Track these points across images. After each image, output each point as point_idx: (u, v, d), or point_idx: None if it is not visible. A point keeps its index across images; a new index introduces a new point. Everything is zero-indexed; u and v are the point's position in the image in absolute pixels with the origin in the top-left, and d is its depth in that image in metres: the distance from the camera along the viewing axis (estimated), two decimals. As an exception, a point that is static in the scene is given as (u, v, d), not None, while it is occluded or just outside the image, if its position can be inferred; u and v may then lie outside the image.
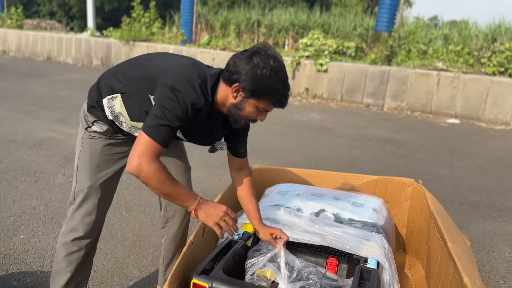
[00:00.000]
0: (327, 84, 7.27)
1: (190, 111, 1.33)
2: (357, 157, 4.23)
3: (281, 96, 1.37)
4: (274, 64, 1.33)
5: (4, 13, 12.65)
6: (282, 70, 1.37)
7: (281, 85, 1.35)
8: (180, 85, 1.33)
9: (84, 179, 1.55)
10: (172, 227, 1.79)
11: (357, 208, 1.98)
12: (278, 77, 1.34)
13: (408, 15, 19.51)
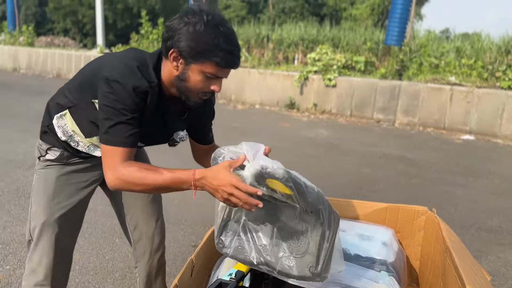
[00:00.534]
0: (336, 99, 7.11)
1: (135, 96, 1.17)
2: (366, 176, 4.04)
3: (226, 52, 1.15)
4: (209, 18, 1.15)
5: (16, 31, 12.84)
6: (223, 23, 1.17)
7: (222, 40, 1.14)
8: (115, 73, 1.17)
9: (38, 214, 1.37)
10: (144, 268, 1.61)
11: (365, 241, 1.81)
12: (217, 31, 1.14)
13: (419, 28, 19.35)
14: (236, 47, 1.19)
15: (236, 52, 1.18)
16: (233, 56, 1.17)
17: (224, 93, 8.33)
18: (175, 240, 2.65)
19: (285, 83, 7.61)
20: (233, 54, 1.17)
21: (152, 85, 1.21)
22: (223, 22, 1.18)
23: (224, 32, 1.15)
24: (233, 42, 1.17)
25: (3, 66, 12.02)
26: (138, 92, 1.17)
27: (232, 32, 1.18)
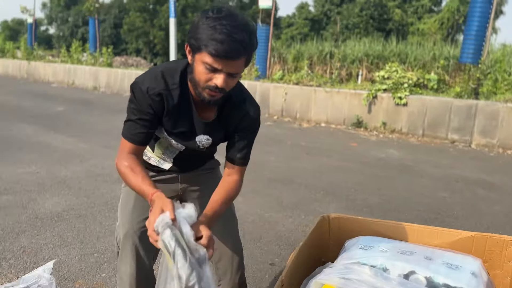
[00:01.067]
0: (407, 118, 6.93)
1: (148, 98, 1.30)
2: (444, 200, 3.89)
3: (218, 41, 1.17)
4: (214, 12, 1.21)
5: (96, 52, 13.95)
6: (229, 19, 1.20)
7: (219, 31, 1.17)
8: (139, 78, 1.34)
9: (122, 226, 1.52)
10: (227, 286, 1.68)
11: (453, 271, 1.77)
12: (216, 22, 1.18)
13: (493, 42, 18.32)
14: (230, 38, 1.18)
15: (228, 42, 1.17)
16: (225, 46, 1.17)
17: (289, 111, 8.44)
18: (253, 258, 2.73)
19: (352, 102, 7.56)
20: (225, 44, 1.17)
21: (170, 88, 1.33)
22: (230, 17, 1.20)
23: (224, 24, 1.18)
24: (229, 33, 1.18)
25: (84, 84, 13.08)
26: (151, 94, 1.30)
27: (235, 26, 1.19)
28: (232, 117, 1.45)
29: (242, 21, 1.22)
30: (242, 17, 1.24)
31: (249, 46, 1.23)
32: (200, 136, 1.45)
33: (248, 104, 1.47)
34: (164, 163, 1.56)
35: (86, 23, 41.30)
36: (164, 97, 1.32)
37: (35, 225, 3.08)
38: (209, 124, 1.44)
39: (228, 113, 1.44)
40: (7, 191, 3.75)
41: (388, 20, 32.18)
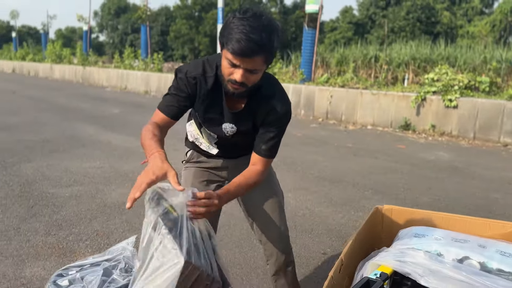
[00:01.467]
0: (457, 121, 6.82)
1: (186, 80, 1.49)
2: (496, 201, 3.86)
3: (235, 40, 1.28)
4: (242, 15, 1.31)
5: (148, 58, 14.60)
6: (250, 19, 1.30)
7: (238, 30, 1.28)
8: (183, 65, 1.56)
9: None
10: (273, 266, 1.82)
11: (507, 258, 1.83)
12: (239, 22, 1.30)
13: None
14: (247, 37, 1.27)
15: (245, 41, 1.27)
16: (241, 44, 1.27)
17: (334, 113, 8.50)
18: (305, 247, 2.87)
19: (399, 104, 7.52)
20: (241, 43, 1.27)
21: (206, 75, 1.50)
22: (253, 18, 1.30)
23: (244, 25, 1.28)
24: (247, 33, 1.27)
25: (136, 89, 13.73)
26: (188, 76, 1.49)
27: (255, 27, 1.28)
28: (258, 110, 1.55)
29: (264, 22, 1.31)
30: (266, 18, 1.33)
31: (266, 46, 1.32)
32: (226, 124, 1.59)
33: (277, 99, 1.54)
34: (212, 149, 1.74)
35: (135, 30, 43.15)
36: (198, 81, 1.49)
37: (105, 212, 3.38)
38: (236, 114, 1.56)
39: (255, 106, 1.54)
40: (76, 182, 4.11)
41: (436, 23, 31.28)
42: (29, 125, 7.00)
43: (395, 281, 1.80)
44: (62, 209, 3.42)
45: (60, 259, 2.61)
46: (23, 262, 2.58)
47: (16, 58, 24.95)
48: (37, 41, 43.79)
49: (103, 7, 47.40)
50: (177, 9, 36.26)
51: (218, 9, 11.50)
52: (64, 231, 3.02)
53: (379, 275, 1.72)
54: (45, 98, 11.23)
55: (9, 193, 3.74)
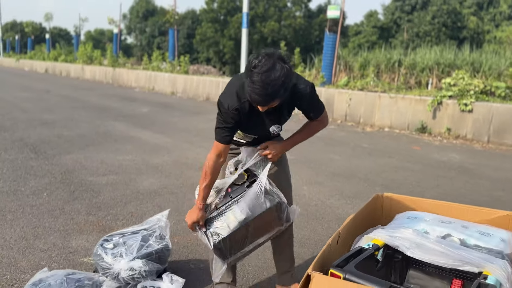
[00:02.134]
0: (472, 125, 6.99)
1: (229, 112, 1.85)
2: (499, 198, 4.09)
3: (251, 91, 1.69)
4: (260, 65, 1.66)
5: (175, 60, 15.16)
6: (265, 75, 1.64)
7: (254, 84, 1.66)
8: (221, 99, 1.89)
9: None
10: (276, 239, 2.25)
11: (484, 236, 2.11)
12: (256, 76, 1.66)
13: None
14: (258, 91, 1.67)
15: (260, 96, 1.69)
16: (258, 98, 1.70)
17: (352, 115, 8.76)
18: (315, 232, 3.20)
19: (416, 107, 7.73)
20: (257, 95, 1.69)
21: (242, 102, 1.85)
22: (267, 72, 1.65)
23: (257, 79, 1.65)
24: (257, 87, 1.66)
25: (163, 90, 14.28)
26: (231, 110, 1.85)
27: (265, 79, 1.65)
28: (289, 102, 1.94)
29: (276, 74, 1.66)
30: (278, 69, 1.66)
31: (277, 95, 1.71)
32: (272, 127, 2.01)
33: (298, 86, 1.90)
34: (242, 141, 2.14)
35: (162, 33, 44.16)
36: (239, 109, 1.86)
37: (138, 198, 3.79)
38: (275, 118, 1.98)
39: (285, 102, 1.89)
40: (111, 172, 4.55)
41: (463, 28, 30.92)
42: (65, 122, 7.55)
43: (388, 254, 2.13)
44: (100, 194, 3.86)
45: (101, 234, 3.02)
46: (69, 235, 3.00)
47: (49, 59, 26.08)
48: (67, 42, 45.37)
49: (132, 10, 48.68)
50: (203, 12, 36.96)
51: (243, 14, 11.91)
52: (103, 212, 3.44)
53: (371, 246, 2.05)
54: (78, 97, 11.89)
55: (52, 180, 4.20)
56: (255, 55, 1.72)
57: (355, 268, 1.77)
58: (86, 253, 2.75)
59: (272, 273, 2.57)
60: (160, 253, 2.23)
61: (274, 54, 1.70)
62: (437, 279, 2.06)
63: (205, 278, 2.49)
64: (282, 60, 1.69)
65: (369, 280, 1.69)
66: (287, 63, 1.71)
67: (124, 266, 2.09)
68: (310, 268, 1.71)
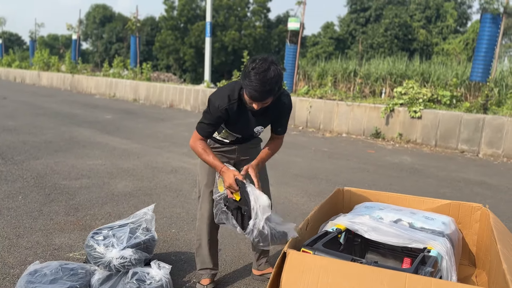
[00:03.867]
0: (421, 130, 7.61)
1: (220, 111, 2.09)
2: (444, 195, 4.58)
3: (249, 89, 1.92)
4: (259, 70, 1.89)
5: (137, 67, 15.14)
6: (262, 74, 1.88)
7: (250, 82, 1.90)
8: (212, 97, 2.14)
9: (201, 180, 2.43)
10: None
11: (429, 220, 2.50)
12: (252, 75, 1.89)
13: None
14: (260, 89, 1.91)
15: (258, 93, 1.92)
16: (256, 94, 1.93)
17: (313, 122, 9.22)
18: (284, 226, 3.51)
19: (371, 114, 8.29)
20: (256, 93, 1.92)
21: (231, 103, 2.10)
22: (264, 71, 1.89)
23: (255, 79, 1.89)
24: (256, 85, 1.90)
25: (125, 97, 14.22)
26: (220, 109, 2.10)
27: (262, 78, 1.88)
28: (274, 110, 2.22)
29: (272, 74, 1.91)
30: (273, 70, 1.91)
31: (273, 92, 1.96)
32: (257, 128, 2.27)
33: (283, 97, 2.21)
34: (226, 140, 2.40)
35: (120, 39, 43.47)
36: (228, 109, 2.12)
37: (114, 199, 3.96)
38: (260, 120, 2.25)
39: (272, 109, 2.19)
40: (83, 176, 4.66)
41: (413, 40, 32.68)
42: (28, 128, 7.47)
43: (349, 238, 2.47)
44: (75, 196, 3.98)
45: (83, 232, 3.18)
46: (51, 234, 3.14)
47: (2, 65, 25.08)
48: (20, 48, 43.60)
49: (88, 16, 47.60)
50: (162, 19, 36.83)
51: (207, 23, 12.18)
52: (81, 213, 3.58)
53: (335, 230, 2.38)
54: (37, 104, 11.65)
55: (25, 184, 4.27)
56: (251, 60, 1.97)
57: (322, 246, 2.09)
58: (70, 249, 2.90)
59: (247, 262, 2.85)
60: (147, 243, 2.45)
61: (268, 58, 1.95)
62: (391, 259, 2.41)
63: (186, 268, 2.73)
64: (275, 64, 1.95)
65: (334, 255, 2.01)
66: (278, 66, 1.97)
67: (116, 255, 2.30)
68: (285, 247, 2.01)
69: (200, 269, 2.48)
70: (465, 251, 2.76)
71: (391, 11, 32.84)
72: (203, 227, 2.45)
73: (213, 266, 2.48)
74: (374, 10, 34.53)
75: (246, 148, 2.45)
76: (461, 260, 2.72)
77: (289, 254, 1.92)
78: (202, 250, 2.45)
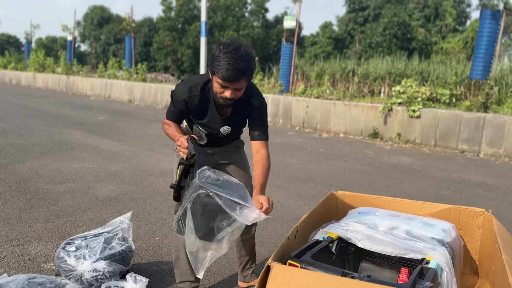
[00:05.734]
0: (420, 130, 7.43)
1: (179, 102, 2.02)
2: (444, 197, 4.40)
3: (223, 69, 1.78)
4: (224, 46, 1.80)
5: (132, 68, 14.96)
6: (233, 53, 1.78)
7: (224, 61, 1.77)
8: (175, 89, 2.06)
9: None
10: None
11: (428, 227, 2.32)
12: (224, 55, 1.78)
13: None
14: (233, 67, 1.77)
15: (231, 70, 1.77)
16: (229, 73, 1.78)
17: (309, 122, 9.04)
18: (275, 231, 3.33)
19: (369, 114, 8.11)
20: (229, 71, 1.78)
21: (191, 95, 2.00)
22: (234, 51, 1.78)
23: (229, 57, 1.77)
24: (232, 63, 1.76)
25: (120, 98, 14.05)
26: (180, 100, 2.01)
27: (237, 57, 1.77)
28: (242, 111, 2.09)
29: (243, 53, 1.80)
30: (244, 50, 1.81)
31: (247, 71, 1.83)
32: (223, 127, 2.12)
33: (252, 98, 2.07)
34: (201, 140, 2.22)
35: (118, 41, 43.25)
36: (187, 101, 2.03)
37: (97, 204, 3.77)
38: (227, 119, 2.10)
39: (239, 109, 2.07)
40: (69, 180, 4.48)
41: (412, 39, 32.51)
42: (18, 130, 7.29)
43: (342, 247, 2.29)
44: (58, 201, 3.80)
45: (61, 240, 2.99)
46: (28, 243, 2.95)
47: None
48: (17, 49, 43.41)
49: (86, 17, 47.44)
50: (160, 20, 36.66)
51: (202, 23, 11.99)
52: (61, 219, 3.40)
53: (326, 238, 2.19)
54: (31, 105, 11.47)
55: (6, 189, 4.08)
56: (218, 43, 1.86)
57: (311, 258, 1.91)
58: (46, 259, 2.72)
59: (234, 272, 2.66)
60: (123, 254, 2.27)
61: (236, 40, 1.85)
62: (387, 269, 2.23)
63: (167, 280, 2.54)
64: (244, 45, 1.84)
65: (323, 268, 1.83)
66: (249, 47, 1.86)
67: (88, 268, 2.11)
68: (270, 260, 1.82)
69: (179, 282, 2.30)
70: (467, 259, 2.58)
71: (390, 10, 32.67)
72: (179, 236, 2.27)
73: (194, 278, 2.29)
74: (372, 9, 34.37)
75: (225, 152, 2.29)
76: (463, 268, 2.54)
77: (273, 267, 1.74)
78: (181, 261, 2.27)
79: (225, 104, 1.95)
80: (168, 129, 2.13)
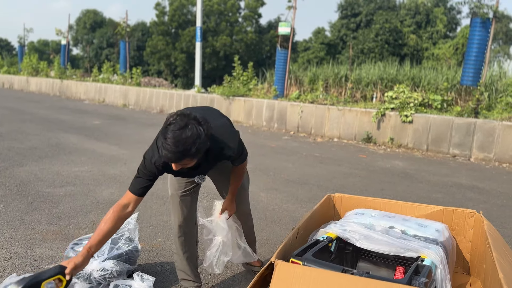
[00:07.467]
0: (413, 134, 7.58)
1: (155, 167, 1.92)
2: (437, 200, 4.52)
3: (162, 149, 1.70)
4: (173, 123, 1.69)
5: (126, 73, 15.00)
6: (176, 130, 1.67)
7: (166, 141, 1.68)
8: (147, 154, 1.96)
9: (169, 190, 2.34)
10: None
11: (422, 227, 2.43)
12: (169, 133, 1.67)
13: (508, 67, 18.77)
14: (169, 148, 1.67)
15: (166, 152, 1.68)
16: (166, 155, 1.70)
17: (304, 127, 9.16)
18: (274, 233, 3.42)
19: (362, 119, 8.25)
20: (166, 154, 1.69)
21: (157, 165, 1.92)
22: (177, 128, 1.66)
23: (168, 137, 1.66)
24: (168, 144, 1.66)
25: (115, 102, 14.07)
26: (156, 165, 1.92)
27: (176, 137, 1.65)
28: (217, 160, 2.07)
29: (188, 133, 1.67)
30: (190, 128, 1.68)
31: (188, 153, 1.69)
32: (196, 178, 2.16)
33: (226, 149, 1.99)
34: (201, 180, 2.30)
35: (111, 45, 43.22)
36: (163, 166, 1.93)
37: (99, 207, 3.84)
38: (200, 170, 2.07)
39: (212, 159, 2.01)
40: (68, 183, 4.53)
41: (403, 45, 32.92)
42: (14, 134, 7.31)
43: (340, 247, 2.39)
44: (59, 204, 3.86)
45: (65, 242, 3.06)
46: (32, 244, 3.01)
47: (-10, 70, 24.76)
48: (9, 53, 43.15)
49: (79, 21, 47.34)
50: (153, 25, 36.72)
51: (197, 28, 12.10)
52: (64, 221, 3.46)
53: (325, 238, 2.29)
54: (25, 109, 11.46)
55: (7, 192, 4.13)
56: (172, 113, 1.75)
57: (313, 256, 2.00)
58: (51, 260, 2.78)
59: (236, 271, 2.75)
60: (130, 254, 2.34)
61: (190, 115, 1.72)
62: (383, 267, 2.33)
63: (172, 279, 2.62)
64: (197, 122, 1.72)
65: (324, 265, 1.93)
66: (202, 125, 1.73)
67: (96, 267, 2.19)
68: (273, 257, 1.92)
69: (182, 279, 2.38)
70: (459, 259, 2.69)
71: (382, 16, 33.07)
72: (176, 240, 2.37)
73: (195, 279, 2.38)
74: (364, 15, 34.76)
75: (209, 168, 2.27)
76: (455, 267, 2.65)
77: (277, 265, 1.84)
78: (181, 264, 2.37)
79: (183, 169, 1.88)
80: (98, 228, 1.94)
